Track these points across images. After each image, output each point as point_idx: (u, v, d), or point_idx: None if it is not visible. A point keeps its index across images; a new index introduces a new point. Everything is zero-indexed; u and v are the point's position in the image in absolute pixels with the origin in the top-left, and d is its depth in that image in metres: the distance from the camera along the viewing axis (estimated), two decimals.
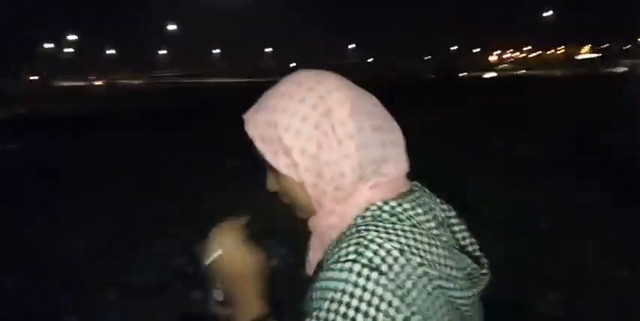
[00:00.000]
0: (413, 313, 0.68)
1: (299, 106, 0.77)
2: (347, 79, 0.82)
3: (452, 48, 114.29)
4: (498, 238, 3.48)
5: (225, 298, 0.87)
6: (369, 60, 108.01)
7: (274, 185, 0.84)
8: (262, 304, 0.85)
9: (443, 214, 0.82)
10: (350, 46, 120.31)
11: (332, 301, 0.67)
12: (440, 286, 0.71)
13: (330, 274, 0.69)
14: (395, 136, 0.81)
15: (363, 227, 0.72)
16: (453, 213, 0.86)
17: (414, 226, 0.74)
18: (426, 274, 0.70)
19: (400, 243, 0.70)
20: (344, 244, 0.71)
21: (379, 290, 0.67)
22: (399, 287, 0.68)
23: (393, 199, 0.77)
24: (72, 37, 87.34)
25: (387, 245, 0.69)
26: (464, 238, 0.85)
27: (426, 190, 0.86)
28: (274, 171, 0.81)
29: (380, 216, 0.74)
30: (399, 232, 0.71)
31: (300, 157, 0.76)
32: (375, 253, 0.68)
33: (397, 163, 0.80)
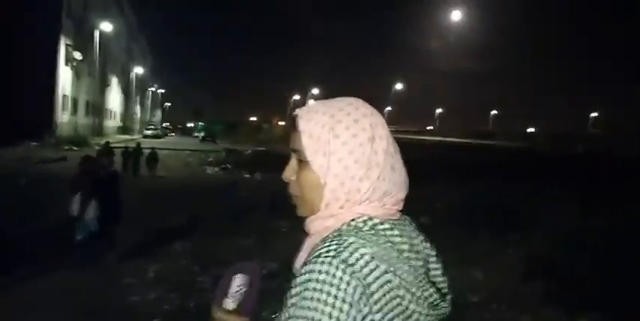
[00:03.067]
0: (377, 311, 0.80)
1: (353, 124, 0.91)
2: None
3: None
4: None
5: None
6: None
7: (291, 175, 0.97)
8: None
9: (421, 248, 0.93)
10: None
11: (312, 289, 0.79)
12: (399, 296, 0.83)
13: (310, 267, 0.82)
14: (403, 181, 0.95)
15: (344, 233, 0.87)
16: (433, 252, 0.96)
17: (387, 241, 0.87)
18: (389, 281, 0.82)
19: (373, 250, 0.83)
20: (326, 244, 0.85)
21: (353, 282, 0.79)
22: (367, 286, 0.80)
23: (378, 218, 0.90)
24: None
25: (362, 250, 0.83)
26: (436, 276, 0.94)
27: (415, 226, 0.97)
28: (301, 164, 0.94)
29: (361, 228, 0.88)
30: (373, 243, 0.84)
31: (336, 163, 0.90)
32: (351, 254, 0.82)
33: (396, 199, 0.94)
